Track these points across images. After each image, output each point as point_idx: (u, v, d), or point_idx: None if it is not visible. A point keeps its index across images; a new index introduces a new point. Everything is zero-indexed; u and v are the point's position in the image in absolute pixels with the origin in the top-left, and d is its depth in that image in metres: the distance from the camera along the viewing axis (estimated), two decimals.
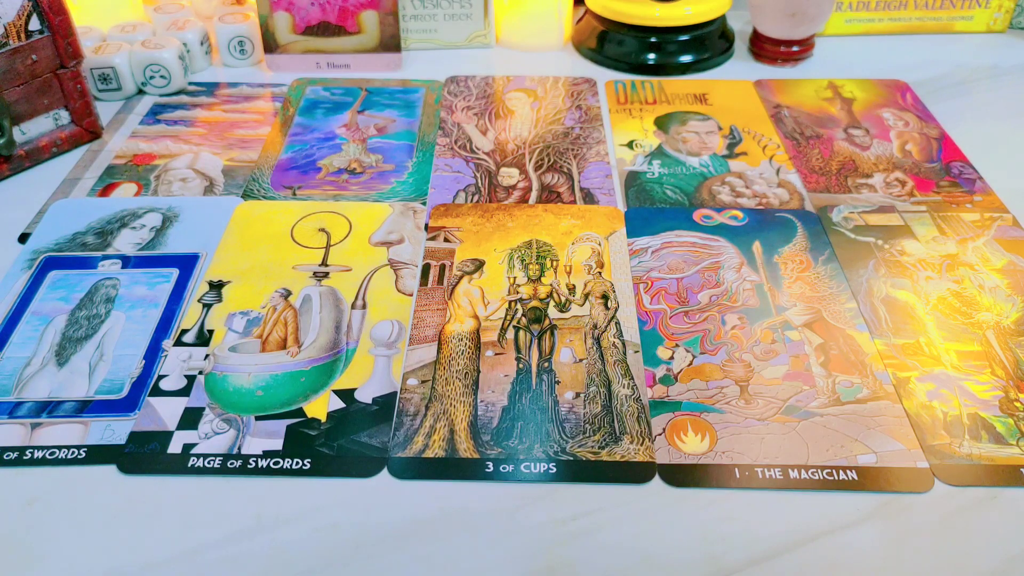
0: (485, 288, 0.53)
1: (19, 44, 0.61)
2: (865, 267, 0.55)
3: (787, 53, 0.79)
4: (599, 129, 0.70)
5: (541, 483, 0.42)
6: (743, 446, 0.43)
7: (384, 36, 0.77)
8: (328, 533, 0.40)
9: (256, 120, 0.71)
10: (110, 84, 0.73)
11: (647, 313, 0.51)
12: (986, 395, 0.46)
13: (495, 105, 0.73)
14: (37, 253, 0.56)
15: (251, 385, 0.47)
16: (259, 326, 0.50)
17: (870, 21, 0.84)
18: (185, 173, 0.64)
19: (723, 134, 0.69)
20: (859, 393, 0.46)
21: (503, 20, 0.83)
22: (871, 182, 0.63)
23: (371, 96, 0.75)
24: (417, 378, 0.47)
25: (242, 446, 0.43)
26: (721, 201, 0.61)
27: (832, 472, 0.42)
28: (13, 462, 0.43)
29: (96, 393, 0.46)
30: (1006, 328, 0.50)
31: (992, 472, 0.42)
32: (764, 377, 0.47)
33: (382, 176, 0.64)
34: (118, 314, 0.51)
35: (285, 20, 0.76)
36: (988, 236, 0.57)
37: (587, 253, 0.56)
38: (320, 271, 0.55)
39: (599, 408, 0.45)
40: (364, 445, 0.43)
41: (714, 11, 0.79)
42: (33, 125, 0.65)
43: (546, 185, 0.63)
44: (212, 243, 0.57)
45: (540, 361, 0.48)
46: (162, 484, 0.42)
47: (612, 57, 0.79)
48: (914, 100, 0.74)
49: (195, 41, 0.77)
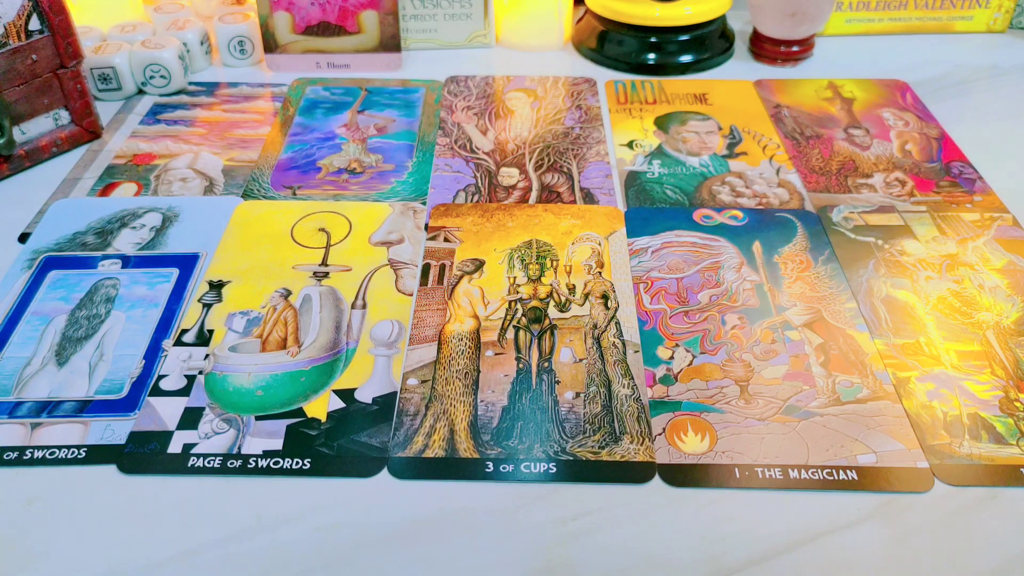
0: (485, 288, 0.53)
1: (19, 44, 0.61)
2: (865, 267, 0.55)
3: (787, 53, 0.79)
4: (599, 129, 0.70)
5: (541, 483, 0.42)
6: (743, 446, 0.43)
7: (384, 36, 0.77)
8: (328, 533, 0.40)
9: (256, 120, 0.71)
10: (110, 84, 0.73)
11: (647, 313, 0.51)
12: (986, 395, 0.46)
13: (495, 105, 0.73)
14: (37, 253, 0.56)
15: (251, 385, 0.47)
16: (259, 326, 0.50)
17: (870, 21, 0.84)
18: (185, 173, 0.64)
19: (723, 134, 0.69)
20: (859, 393, 0.46)
21: (503, 20, 0.83)
22: (871, 182, 0.63)
23: (371, 96, 0.75)
24: (417, 378, 0.47)
25: (242, 446, 0.43)
26: (721, 201, 0.61)
27: (832, 472, 0.42)
28: (13, 462, 0.43)
29: (96, 393, 0.46)
30: (1006, 328, 0.50)
31: (992, 472, 0.42)
32: (764, 377, 0.47)
33: (382, 176, 0.64)
34: (118, 314, 0.51)
35: (285, 20, 0.76)
36: (988, 236, 0.57)
37: (587, 253, 0.56)
38: (320, 271, 0.55)
39: (599, 408, 0.45)
40: (364, 445, 0.43)
41: (714, 11, 0.79)
42: (33, 125, 0.65)
43: (546, 185, 0.63)
44: (212, 243, 0.57)
45: (540, 361, 0.48)
46: (162, 484, 0.42)
47: (612, 57, 0.79)
48: (914, 100, 0.74)
49: (195, 41, 0.77)
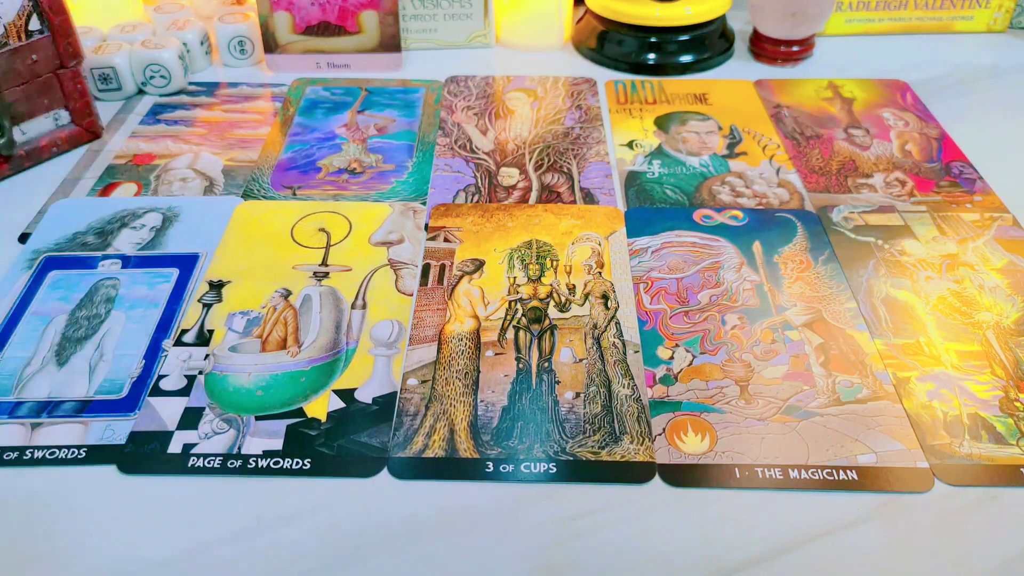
0: (485, 288, 0.53)
1: (19, 44, 0.61)
2: (865, 267, 0.55)
3: (787, 53, 0.79)
4: (599, 129, 0.70)
5: (541, 483, 0.42)
6: (743, 446, 0.43)
7: (384, 36, 0.77)
8: (328, 533, 0.40)
9: (256, 120, 0.71)
10: (110, 84, 0.73)
11: (647, 313, 0.51)
12: (986, 395, 0.46)
13: (495, 105, 0.73)
14: (37, 253, 0.56)
15: (251, 385, 0.47)
16: (259, 326, 0.50)
17: (870, 21, 0.84)
18: (185, 173, 0.64)
19: (723, 134, 0.69)
20: (859, 393, 0.46)
21: (503, 20, 0.83)
22: (871, 182, 0.63)
23: (371, 96, 0.75)
24: (417, 378, 0.47)
25: (242, 446, 0.43)
26: (721, 201, 0.61)
27: (832, 472, 0.42)
28: (13, 462, 0.43)
29: (96, 393, 0.46)
30: (1006, 328, 0.50)
31: (992, 472, 0.42)
32: (764, 377, 0.47)
33: (382, 176, 0.64)
34: (118, 314, 0.51)
35: (285, 20, 0.76)
36: (988, 236, 0.57)
37: (587, 253, 0.56)
38: (320, 271, 0.55)
39: (599, 408, 0.45)
40: (364, 445, 0.43)
41: (714, 11, 0.79)
42: (33, 125, 0.65)
43: (546, 185, 0.63)
44: (212, 243, 0.57)
45: (540, 361, 0.48)
46: (162, 484, 0.42)
47: (612, 57, 0.79)
48: (914, 100, 0.74)
49: (195, 41, 0.77)
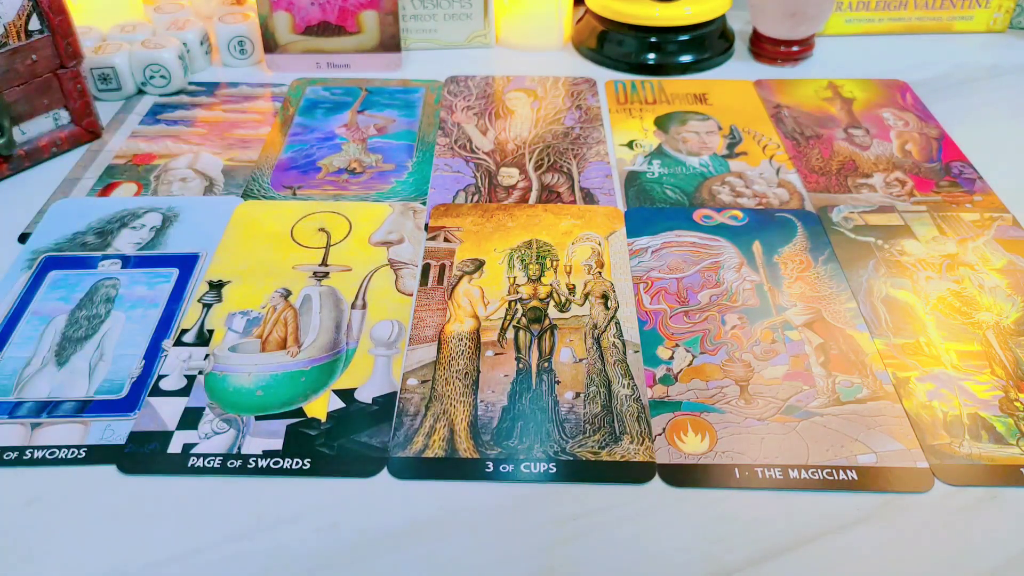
0: (485, 288, 0.53)
1: (19, 44, 0.61)
2: (865, 267, 0.55)
3: (787, 53, 0.79)
4: (599, 129, 0.70)
5: (541, 483, 0.42)
6: (743, 446, 0.43)
7: (384, 36, 0.77)
8: (328, 533, 0.40)
9: (256, 120, 0.71)
10: (110, 84, 0.73)
11: (647, 313, 0.51)
12: (986, 395, 0.46)
13: (495, 105, 0.73)
14: (37, 253, 0.56)
15: (251, 385, 0.47)
16: (259, 326, 0.50)
17: (870, 21, 0.84)
18: (185, 173, 0.64)
19: (723, 134, 0.69)
20: (859, 393, 0.46)
21: (503, 20, 0.83)
22: (871, 182, 0.63)
23: (371, 96, 0.75)
24: (417, 378, 0.47)
25: (242, 446, 0.43)
26: (721, 201, 0.61)
27: (832, 472, 0.42)
28: (13, 462, 0.43)
29: (96, 393, 0.46)
30: (1006, 328, 0.50)
31: (992, 472, 0.42)
32: (764, 377, 0.47)
33: (382, 176, 0.64)
34: (118, 314, 0.51)
35: (285, 20, 0.76)
36: (988, 236, 0.57)
37: (587, 253, 0.56)
38: (320, 271, 0.55)
39: (599, 408, 0.45)
40: (364, 445, 0.43)
41: (714, 11, 0.79)
42: (33, 125, 0.65)
43: (546, 185, 0.63)
44: (212, 243, 0.57)
45: (540, 361, 0.48)
46: (162, 484, 0.42)
47: (612, 57, 0.79)
48: (914, 100, 0.74)
49: (195, 41, 0.77)
